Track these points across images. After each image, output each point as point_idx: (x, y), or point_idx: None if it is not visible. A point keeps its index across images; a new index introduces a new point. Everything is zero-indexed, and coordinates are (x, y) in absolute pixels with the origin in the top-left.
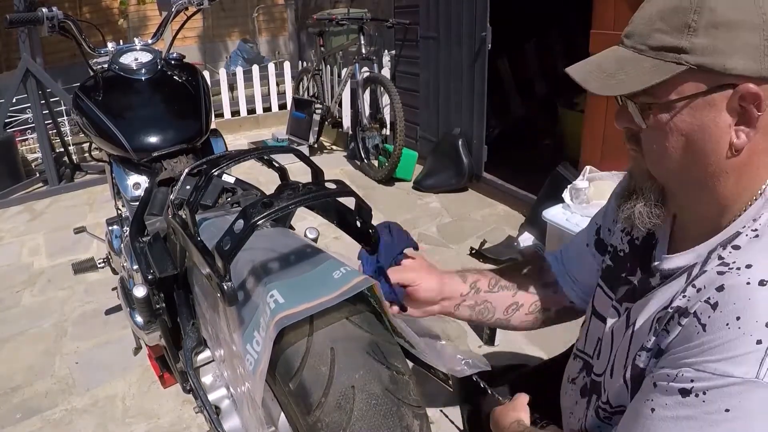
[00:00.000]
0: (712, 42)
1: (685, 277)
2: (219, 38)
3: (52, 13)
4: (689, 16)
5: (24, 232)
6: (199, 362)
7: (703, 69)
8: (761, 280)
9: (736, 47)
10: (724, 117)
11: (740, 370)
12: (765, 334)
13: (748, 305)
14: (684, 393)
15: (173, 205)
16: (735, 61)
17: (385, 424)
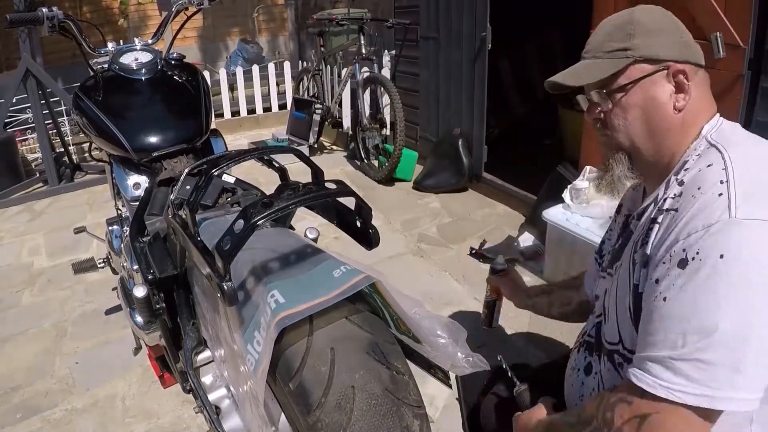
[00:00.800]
0: (647, 41)
1: (653, 205)
2: (219, 38)
3: (52, 13)
4: (628, 28)
5: (24, 232)
6: (199, 362)
7: (644, 58)
8: (708, 164)
9: (664, 43)
10: (666, 89)
11: (714, 217)
12: (722, 188)
13: (702, 177)
14: (682, 264)
15: (173, 205)
16: (664, 51)
17: (385, 424)
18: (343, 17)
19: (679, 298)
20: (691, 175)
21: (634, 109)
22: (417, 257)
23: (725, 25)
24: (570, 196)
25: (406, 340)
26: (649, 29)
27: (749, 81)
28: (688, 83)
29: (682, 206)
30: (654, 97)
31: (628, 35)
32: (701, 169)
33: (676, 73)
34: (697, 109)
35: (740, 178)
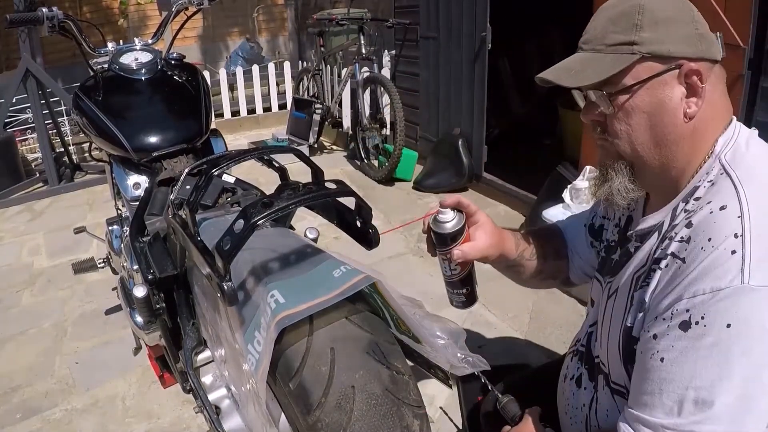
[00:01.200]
0: (656, 34)
1: (656, 235)
2: (219, 38)
3: (52, 13)
4: (635, 17)
5: (24, 232)
6: (199, 362)
7: (653, 55)
8: (721, 206)
9: (675, 37)
10: (676, 91)
11: (725, 281)
12: (736, 244)
13: (714, 227)
14: (684, 326)
15: (173, 205)
16: (676, 46)
17: (385, 424)
18: (343, 17)
19: (678, 361)
20: (702, 216)
21: (639, 114)
22: (417, 257)
23: (725, 25)
24: (570, 196)
25: (406, 341)
26: (659, 19)
27: (749, 81)
28: (703, 85)
29: (690, 257)
30: (662, 101)
31: (635, 26)
32: (713, 212)
33: (689, 74)
34: (711, 114)
35: (757, 233)
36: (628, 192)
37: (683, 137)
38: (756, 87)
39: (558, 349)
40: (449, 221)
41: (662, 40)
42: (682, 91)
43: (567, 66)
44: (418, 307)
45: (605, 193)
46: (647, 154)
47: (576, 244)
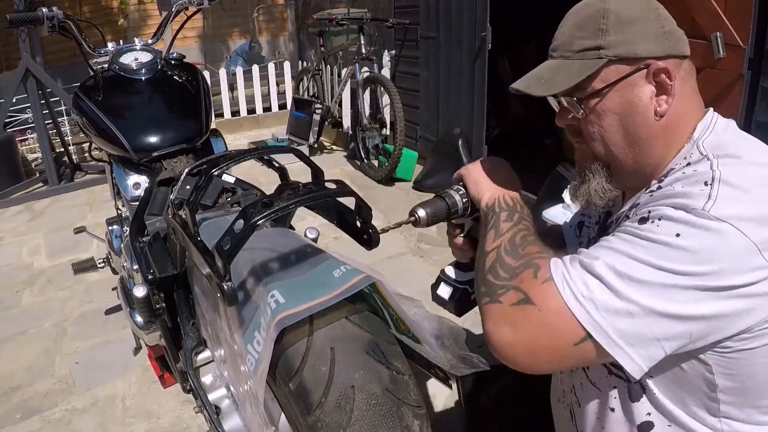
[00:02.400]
0: (622, 36)
1: (628, 207)
2: (219, 38)
3: (52, 13)
4: (600, 21)
5: (24, 232)
6: (199, 362)
7: (619, 58)
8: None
9: (641, 36)
10: (645, 91)
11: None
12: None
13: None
14: (642, 221)
15: (173, 205)
16: (642, 47)
17: (385, 424)
18: (343, 17)
19: (623, 238)
20: (674, 176)
21: (610, 116)
22: (417, 257)
23: (725, 25)
24: (570, 196)
25: (406, 341)
26: (624, 20)
27: (749, 81)
28: (671, 83)
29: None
30: (632, 102)
31: (600, 30)
32: (685, 172)
33: (657, 72)
34: (683, 110)
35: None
36: (605, 192)
37: (656, 135)
38: (756, 87)
39: None
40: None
41: (628, 41)
42: (652, 90)
43: (537, 74)
44: (417, 307)
45: (584, 194)
46: (621, 153)
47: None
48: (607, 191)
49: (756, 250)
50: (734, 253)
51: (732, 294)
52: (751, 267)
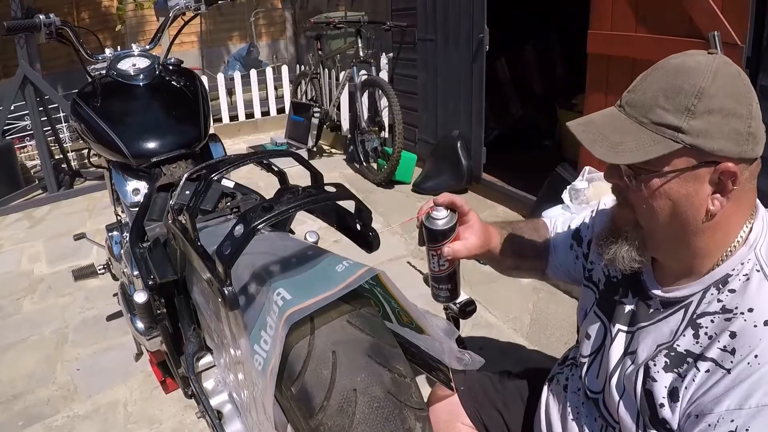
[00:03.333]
0: (706, 126)
1: (682, 313)
2: (217, 43)
3: (49, 20)
4: (690, 100)
5: (24, 240)
6: (201, 367)
7: (695, 149)
8: (765, 320)
9: (725, 132)
10: (705, 188)
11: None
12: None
13: (760, 344)
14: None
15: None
16: (721, 144)
17: (387, 427)
18: (340, 20)
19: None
20: (745, 328)
21: (663, 200)
22: (416, 260)
23: (723, 24)
24: (569, 196)
25: (408, 333)
26: (714, 109)
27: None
28: (734, 188)
29: (736, 370)
30: (689, 195)
31: (688, 110)
32: (757, 326)
33: (725, 174)
34: (734, 210)
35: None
36: (631, 261)
37: (702, 230)
38: (754, 86)
39: (559, 349)
40: (441, 219)
41: (710, 134)
42: (711, 189)
43: (603, 130)
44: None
45: (611, 255)
46: (662, 236)
47: (557, 244)
48: (633, 261)
49: None
50: None
51: None
52: None
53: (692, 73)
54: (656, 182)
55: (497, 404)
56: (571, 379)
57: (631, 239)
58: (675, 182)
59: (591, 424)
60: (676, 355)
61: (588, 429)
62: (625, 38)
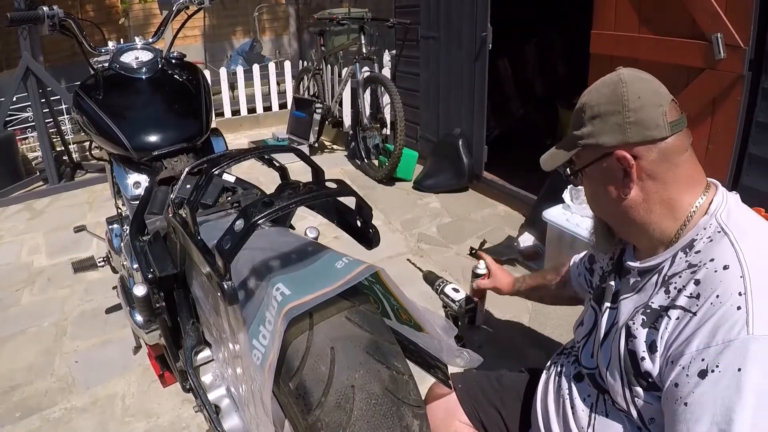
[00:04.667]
0: (591, 129)
1: (656, 276)
2: (220, 38)
3: (52, 12)
4: (580, 115)
5: (24, 231)
6: (199, 361)
7: (588, 146)
8: (724, 265)
9: (607, 129)
10: (616, 174)
11: (734, 333)
12: (741, 301)
13: (720, 285)
14: (702, 374)
15: (173, 204)
16: (606, 138)
17: (385, 424)
18: (343, 17)
19: (700, 404)
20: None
21: (592, 188)
22: (417, 257)
23: (726, 26)
24: (570, 196)
25: (407, 331)
26: (595, 114)
27: (749, 82)
28: (631, 170)
29: (701, 312)
30: (603, 181)
31: (580, 122)
32: (717, 271)
33: (620, 160)
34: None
35: (757, 291)
36: (610, 243)
37: (629, 209)
38: (756, 88)
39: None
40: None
41: (596, 133)
42: (620, 173)
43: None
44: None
45: (596, 243)
46: (611, 218)
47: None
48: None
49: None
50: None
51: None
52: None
53: (582, 96)
54: (582, 176)
55: (495, 402)
56: (565, 365)
57: (600, 227)
58: (593, 171)
59: (584, 401)
60: (651, 312)
61: (581, 407)
62: (629, 39)
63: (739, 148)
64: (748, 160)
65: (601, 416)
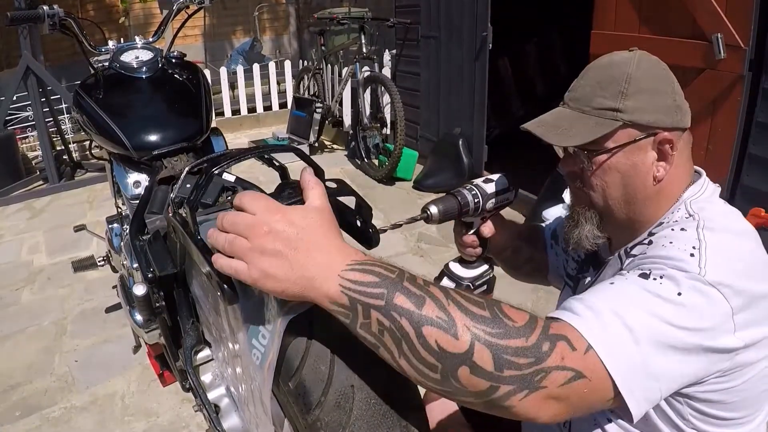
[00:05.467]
0: (638, 104)
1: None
2: (220, 37)
3: (52, 11)
4: (622, 85)
5: (24, 230)
6: (199, 361)
7: (633, 124)
8: (682, 228)
9: (655, 107)
10: (648, 156)
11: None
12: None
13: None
14: (643, 276)
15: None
16: (655, 116)
17: (385, 424)
18: (344, 16)
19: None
20: (664, 231)
21: (614, 174)
22: (417, 257)
23: (726, 26)
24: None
25: None
26: (643, 89)
27: (750, 82)
28: (673, 153)
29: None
30: (635, 164)
31: (621, 93)
32: (674, 230)
33: (663, 142)
34: (676, 176)
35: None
36: (594, 238)
37: (650, 197)
38: (757, 88)
39: None
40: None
41: (643, 109)
42: (654, 156)
43: (553, 123)
44: None
45: (575, 238)
46: (617, 208)
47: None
48: (596, 237)
49: (731, 314)
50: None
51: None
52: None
53: (620, 65)
54: (605, 159)
55: None
56: None
57: (590, 219)
58: (622, 155)
59: None
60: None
61: None
62: (629, 39)
63: (739, 148)
64: (748, 160)
65: None
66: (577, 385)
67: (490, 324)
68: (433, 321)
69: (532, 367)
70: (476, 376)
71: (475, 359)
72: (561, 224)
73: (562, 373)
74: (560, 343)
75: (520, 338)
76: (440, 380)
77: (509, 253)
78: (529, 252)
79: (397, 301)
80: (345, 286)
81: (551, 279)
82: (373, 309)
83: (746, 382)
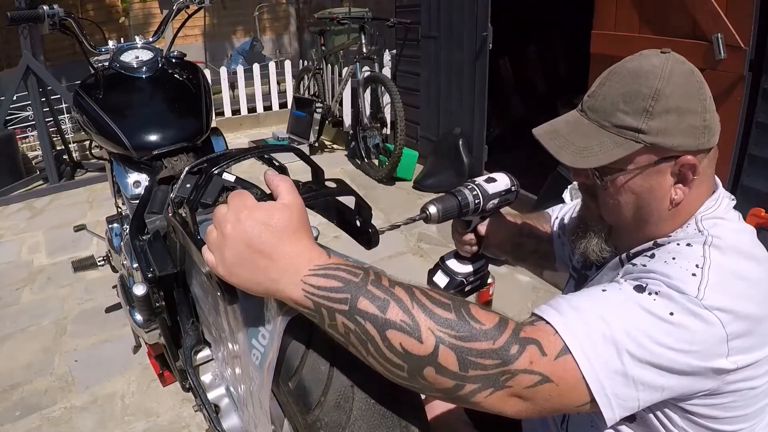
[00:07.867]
0: (663, 125)
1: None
2: (220, 37)
3: (52, 11)
4: (648, 102)
5: (24, 230)
6: (199, 361)
7: (654, 147)
8: (687, 243)
9: (682, 129)
10: (667, 180)
11: (685, 287)
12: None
13: (678, 251)
14: (639, 289)
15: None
16: (680, 140)
17: (384, 423)
18: (344, 16)
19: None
20: (669, 245)
21: (628, 194)
22: (417, 257)
23: (726, 26)
24: (570, 196)
25: None
26: (671, 108)
27: (750, 82)
28: (694, 177)
29: (652, 265)
30: (652, 187)
31: (646, 112)
32: (680, 245)
33: (685, 166)
34: (695, 196)
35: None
36: (601, 252)
37: (664, 219)
38: (757, 88)
39: None
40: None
41: (669, 132)
42: (673, 180)
43: (567, 136)
44: None
45: (582, 249)
46: (628, 226)
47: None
48: (603, 251)
49: (726, 339)
50: (711, 338)
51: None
52: (718, 353)
53: (648, 76)
54: (621, 180)
55: None
56: None
57: (598, 232)
58: (639, 178)
59: None
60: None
61: None
62: (629, 39)
63: (739, 148)
64: (748, 160)
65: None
66: (543, 389)
67: (455, 326)
68: (397, 324)
69: (498, 368)
70: (442, 375)
71: (440, 361)
72: (567, 215)
73: (529, 376)
74: (530, 347)
75: (487, 341)
76: (408, 378)
77: (510, 247)
78: (534, 245)
79: (360, 305)
80: (308, 291)
81: (559, 267)
82: (338, 313)
83: (737, 400)
